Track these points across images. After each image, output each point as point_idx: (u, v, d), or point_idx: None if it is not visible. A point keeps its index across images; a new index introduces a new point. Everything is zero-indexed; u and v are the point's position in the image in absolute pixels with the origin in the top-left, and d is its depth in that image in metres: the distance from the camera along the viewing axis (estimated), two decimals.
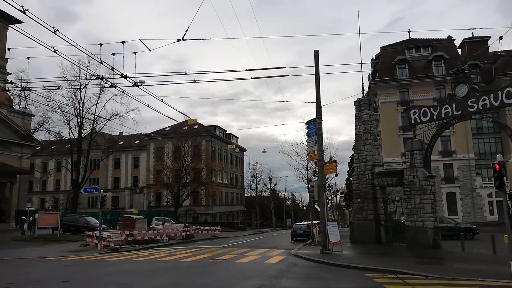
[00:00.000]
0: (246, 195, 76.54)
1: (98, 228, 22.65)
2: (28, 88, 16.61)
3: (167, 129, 60.95)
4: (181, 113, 75.11)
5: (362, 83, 23.46)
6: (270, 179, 64.89)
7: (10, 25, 33.25)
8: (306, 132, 21.62)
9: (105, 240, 21.05)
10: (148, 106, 16.46)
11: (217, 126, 66.59)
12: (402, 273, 11.91)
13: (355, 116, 24.31)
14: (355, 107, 24.30)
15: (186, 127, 55.52)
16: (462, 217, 37.75)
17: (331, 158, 34.04)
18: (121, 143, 64.65)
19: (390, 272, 12.18)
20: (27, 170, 37.47)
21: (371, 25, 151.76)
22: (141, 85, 14.53)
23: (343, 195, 66.47)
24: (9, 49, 17.94)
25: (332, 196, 58.50)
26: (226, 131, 70.12)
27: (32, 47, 39.97)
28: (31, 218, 26.97)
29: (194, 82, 15.59)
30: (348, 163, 60.61)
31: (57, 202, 62.92)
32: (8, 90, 31.69)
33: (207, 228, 37.21)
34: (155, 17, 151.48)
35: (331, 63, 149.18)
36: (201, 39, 14.19)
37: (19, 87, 20.44)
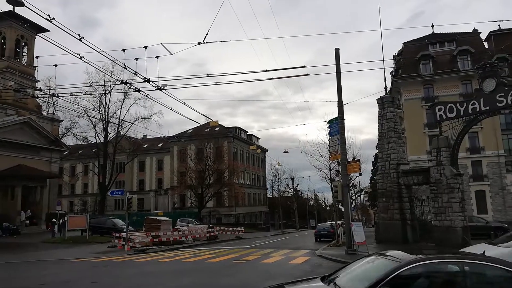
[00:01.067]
0: (268, 195, 76.53)
1: (125, 230, 23.15)
2: (56, 95, 17.19)
3: (190, 131, 61.69)
4: (203, 115, 75.81)
5: (385, 80, 23.06)
6: (293, 179, 64.67)
7: (38, 34, 34.62)
8: (328, 131, 21.45)
9: (132, 242, 21.48)
10: (171, 109, 16.73)
11: (239, 128, 66.89)
12: None
13: (378, 114, 23.89)
14: (378, 104, 23.87)
15: (208, 129, 56.03)
16: (492, 215, 36.44)
17: (354, 157, 33.53)
18: (145, 146, 65.89)
19: None
20: (56, 174, 38.69)
21: (391, 21, 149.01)
22: (163, 89, 14.76)
23: (367, 194, 65.50)
24: (37, 57, 18.61)
25: (356, 195, 57.72)
26: (248, 132, 70.34)
27: (58, 54, 41.29)
28: (61, 220, 27.80)
29: (216, 84, 15.70)
30: (372, 162, 59.68)
31: (85, 205, 64.70)
32: (38, 97, 32.93)
33: (231, 229, 37.40)
34: (175, 21, 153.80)
35: (351, 61, 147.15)
36: (221, 42, 14.31)
37: (47, 94, 21.15)
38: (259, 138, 75.31)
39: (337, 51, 18.63)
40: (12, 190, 31.90)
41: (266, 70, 14.17)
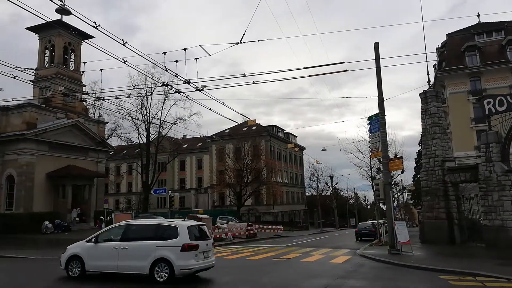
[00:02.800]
0: (306, 194, 75.96)
1: None
2: (102, 98, 18.05)
3: (227, 130, 62.48)
4: (241, 114, 76.48)
5: (428, 74, 22.10)
6: (331, 177, 63.68)
7: (84, 40, 36.41)
8: (368, 128, 20.95)
9: None
10: (210, 109, 17.04)
11: (276, 126, 66.86)
12: (481, 275, 11.06)
13: (421, 109, 23.02)
14: (420, 99, 23.01)
15: (245, 128, 56.47)
16: None
17: (396, 155, 32.56)
18: (185, 145, 67.51)
19: (467, 274, 11.37)
20: (103, 173, 40.58)
21: (431, 12, 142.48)
22: (203, 90, 15.08)
23: (410, 193, 63.19)
24: (84, 62, 19.57)
25: (399, 194, 55.89)
26: (285, 130, 70.14)
27: (102, 60, 43.12)
28: (108, 218, 29.15)
29: (253, 83, 15.80)
30: (415, 159, 57.47)
31: (130, 203, 67.35)
32: (85, 101, 34.68)
33: (270, 227, 37.51)
34: (210, 24, 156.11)
35: (389, 55, 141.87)
36: (258, 41, 14.38)
37: (94, 97, 22.25)
38: (296, 136, 74.91)
39: (376, 45, 18.15)
40: (63, 189, 33.83)
41: (304, 68, 14.07)
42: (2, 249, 19.71)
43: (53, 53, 36.69)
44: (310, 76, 15.09)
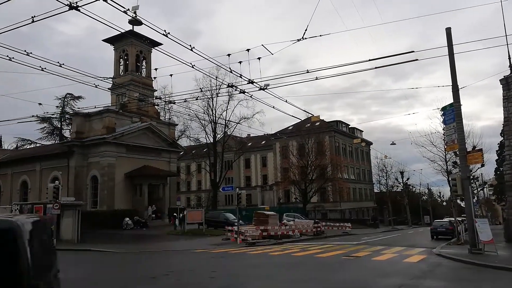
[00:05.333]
0: (375, 190, 73.21)
1: (236, 224, 24.59)
2: (173, 102, 19.10)
3: (290, 128, 62.42)
4: (304, 110, 75.91)
5: (509, 57, 20.06)
6: (402, 173, 60.61)
7: (153, 48, 38.71)
8: (442, 119, 19.66)
9: (243, 235, 22.70)
10: (273, 107, 17.23)
11: (340, 121, 65.36)
12: None
13: (503, 96, 21.02)
14: (501, 86, 21.00)
15: (308, 124, 55.90)
16: None
17: (474, 147, 30.09)
18: (249, 144, 68.79)
19: None
20: (175, 173, 42.86)
21: None
22: (266, 89, 15.29)
23: (492, 188, 57.92)
24: (156, 69, 20.86)
25: (479, 189, 51.52)
26: (349, 125, 68.26)
27: (170, 65, 45.41)
28: (181, 215, 30.77)
29: (316, 79, 15.66)
30: (496, 151, 52.49)
31: (200, 200, 70.38)
32: (157, 105, 36.91)
33: (337, 224, 36.84)
34: (269, 23, 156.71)
35: (459, 41, 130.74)
36: (320, 36, 14.21)
37: (165, 101, 23.59)
38: (362, 131, 72.50)
39: (448, 31, 16.98)
40: (140, 188, 36.34)
41: (369, 60, 13.61)
42: (94, 243, 21.82)
43: (127, 62, 39.50)
44: (376, 68, 14.56)
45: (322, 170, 48.35)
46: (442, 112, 18.63)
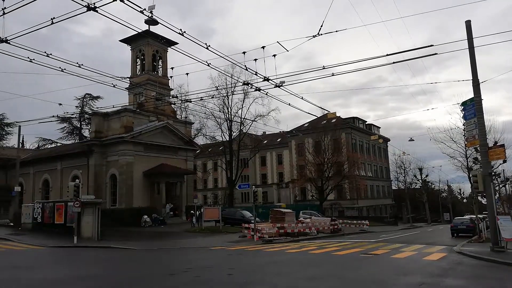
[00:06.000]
0: (393, 187, 72.27)
1: (252, 221, 24.65)
2: (189, 100, 19.26)
3: (306, 125, 62.13)
4: (320, 107, 75.52)
5: None
6: (420, 169, 59.71)
7: (169, 47, 39.02)
8: (462, 114, 19.23)
9: (259, 232, 22.74)
10: (289, 104, 17.19)
11: (356, 118, 64.71)
12: None
13: None
14: None
15: (324, 121, 55.59)
16: None
17: (496, 142, 29.33)
18: (265, 142, 68.81)
19: None
20: (192, 171, 43.24)
21: None
22: (282, 86, 15.26)
23: None
24: (172, 68, 21.03)
25: (501, 186, 50.23)
26: (366, 121, 67.49)
27: (185, 64, 45.75)
28: (198, 212, 31.05)
29: (332, 75, 15.53)
30: None
31: (217, 198, 70.85)
32: (174, 104, 37.24)
33: (354, 222, 36.51)
34: (282, 21, 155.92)
35: (478, 34, 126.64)
36: (336, 31, 14.06)
37: (181, 100, 23.80)
38: (379, 127, 71.61)
39: (468, 23, 16.60)
40: (157, 186, 36.81)
41: (387, 55, 13.42)
42: (113, 240, 22.25)
43: (144, 61, 39.97)
44: (394, 63, 14.33)
45: (338, 167, 48.02)
46: (462, 107, 18.22)
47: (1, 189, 40.80)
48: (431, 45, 13.13)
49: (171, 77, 28.12)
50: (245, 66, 14.40)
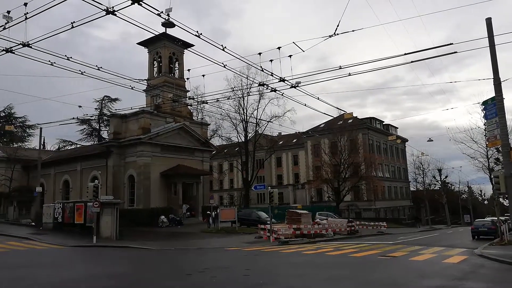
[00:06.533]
0: (411, 189, 71.06)
1: (268, 222, 24.62)
2: (205, 102, 19.42)
3: (322, 125, 61.71)
4: (336, 107, 75.16)
5: None
6: (440, 170, 58.46)
7: (186, 49, 39.43)
8: (482, 114, 18.81)
9: (275, 233, 22.71)
10: (305, 105, 17.11)
11: (373, 118, 63.93)
12: None
13: None
14: None
15: (341, 122, 55.12)
16: None
17: None
18: (280, 142, 68.66)
19: None
20: (208, 171, 43.51)
21: None
22: (298, 86, 15.22)
23: None
24: (188, 70, 21.26)
25: None
26: (383, 122, 66.61)
27: (201, 66, 46.14)
28: (214, 213, 31.20)
29: (349, 75, 15.41)
30: None
31: (232, 199, 71.08)
32: (191, 105, 37.60)
33: (372, 223, 36.07)
34: (296, 21, 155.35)
35: (498, 32, 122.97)
36: (353, 31, 13.95)
37: (197, 101, 24.00)
38: (397, 128, 70.56)
39: (489, 21, 16.24)
40: (174, 187, 37.18)
41: (404, 54, 13.24)
42: (131, 240, 22.57)
43: (160, 64, 40.48)
44: (412, 62, 14.12)
45: (355, 168, 47.53)
46: (483, 106, 17.85)
47: (23, 190, 41.96)
48: (451, 44, 12.90)
49: (187, 78, 28.35)
50: (260, 67, 14.43)
